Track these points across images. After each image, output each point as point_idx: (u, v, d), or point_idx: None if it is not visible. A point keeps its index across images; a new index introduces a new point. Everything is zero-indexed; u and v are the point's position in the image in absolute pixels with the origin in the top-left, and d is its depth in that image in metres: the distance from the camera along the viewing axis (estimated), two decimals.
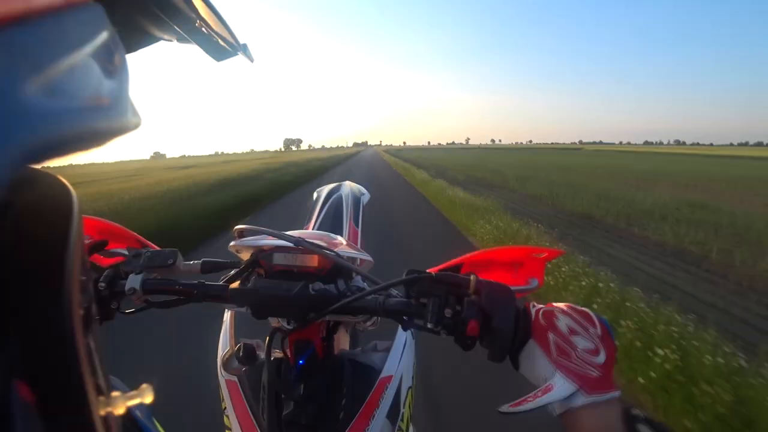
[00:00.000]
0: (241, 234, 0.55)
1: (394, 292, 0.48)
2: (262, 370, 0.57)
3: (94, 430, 0.17)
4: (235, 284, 0.52)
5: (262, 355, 0.60)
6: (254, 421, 0.54)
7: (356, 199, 0.94)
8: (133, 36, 0.26)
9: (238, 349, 0.60)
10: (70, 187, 0.17)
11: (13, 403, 0.13)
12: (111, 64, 0.17)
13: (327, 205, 0.89)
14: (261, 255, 0.53)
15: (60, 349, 0.16)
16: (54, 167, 0.15)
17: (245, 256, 0.55)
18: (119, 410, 0.20)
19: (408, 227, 5.67)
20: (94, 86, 0.15)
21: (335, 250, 0.52)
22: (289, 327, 0.51)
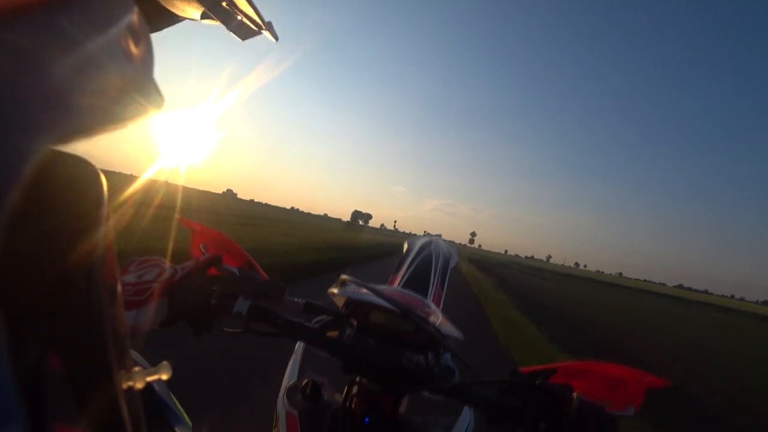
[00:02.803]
0: (344, 284, 0.58)
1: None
2: (325, 413, 0.60)
3: (117, 401, 0.19)
4: (332, 333, 0.56)
5: (326, 396, 0.64)
6: None
7: (446, 260, 0.91)
8: (158, 15, 0.26)
9: (306, 384, 0.64)
10: (98, 169, 0.17)
11: (44, 374, 0.15)
12: (136, 46, 0.17)
13: (417, 261, 0.88)
14: (358, 308, 0.56)
15: (88, 326, 0.17)
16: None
17: (341, 303, 0.59)
18: (139, 384, 0.22)
19: None
20: (119, 67, 0.16)
21: (436, 324, 0.54)
22: (369, 384, 0.56)
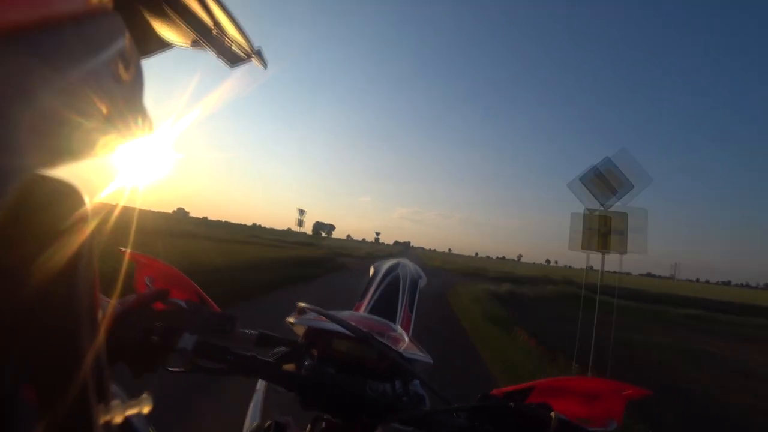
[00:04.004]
0: (302, 311, 0.56)
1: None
2: None
3: None
4: (289, 366, 0.53)
5: None
6: None
7: (413, 282, 0.92)
8: (149, 41, 0.27)
9: (269, 426, 0.61)
10: (82, 193, 0.17)
11: (18, 404, 0.15)
12: (126, 71, 0.18)
13: (384, 284, 0.89)
14: (318, 337, 0.54)
15: (66, 355, 0.17)
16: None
17: (301, 332, 0.58)
18: (118, 419, 0.22)
19: None
20: (108, 91, 0.16)
21: (400, 348, 0.53)
22: (333, 420, 0.53)
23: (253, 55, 0.34)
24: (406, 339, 0.58)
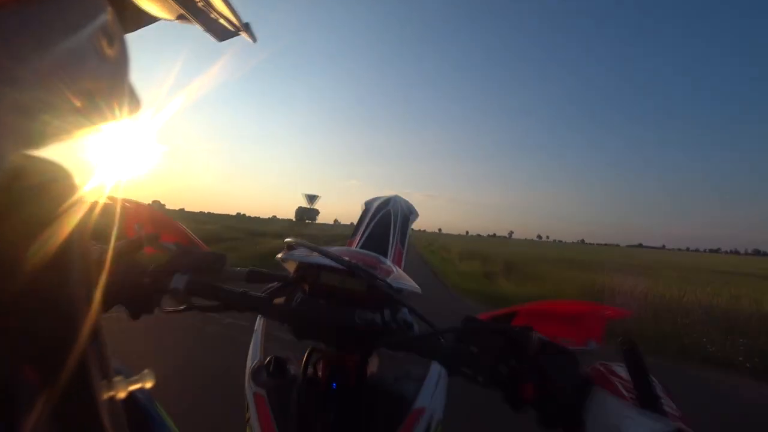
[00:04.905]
0: (291, 248, 0.58)
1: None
2: (292, 387, 0.59)
3: (98, 413, 0.18)
4: (280, 299, 0.55)
5: (292, 370, 0.64)
6: None
7: (405, 218, 0.93)
8: (133, 16, 0.26)
9: (269, 362, 0.64)
10: (71, 173, 0.17)
11: (18, 385, 0.15)
12: (110, 46, 0.17)
13: (376, 219, 0.90)
14: (308, 271, 0.55)
15: (65, 333, 0.17)
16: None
17: (292, 268, 0.59)
18: (121, 394, 0.22)
19: None
20: (92, 69, 0.16)
21: (387, 279, 0.54)
22: (327, 349, 0.57)
23: (241, 30, 0.34)
24: (395, 270, 0.59)
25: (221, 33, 0.33)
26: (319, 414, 0.54)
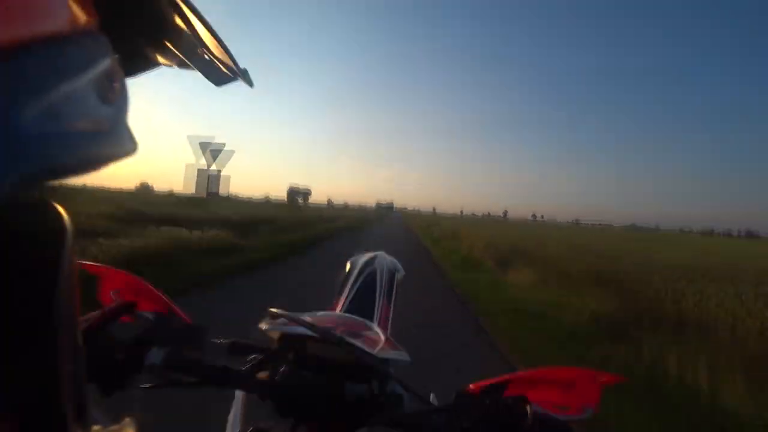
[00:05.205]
0: (275, 317, 0.56)
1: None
2: None
3: None
4: (263, 374, 0.52)
5: None
6: None
7: (391, 275, 0.93)
8: (135, 61, 0.27)
9: None
10: (64, 214, 0.18)
11: None
12: (111, 91, 0.18)
13: (360, 279, 0.90)
14: (292, 342, 0.54)
15: (44, 379, 0.17)
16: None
17: (275, 337, 0.57)
18: None
19: None
20: (92, 112, 0.16)
21: (375, 349, 0.52)
22: (313, 428, 0.54)
23: (239, 76, 0.34)
24: (383, 338, 0.57)
25: (220, 79, 0.33)
26: None
